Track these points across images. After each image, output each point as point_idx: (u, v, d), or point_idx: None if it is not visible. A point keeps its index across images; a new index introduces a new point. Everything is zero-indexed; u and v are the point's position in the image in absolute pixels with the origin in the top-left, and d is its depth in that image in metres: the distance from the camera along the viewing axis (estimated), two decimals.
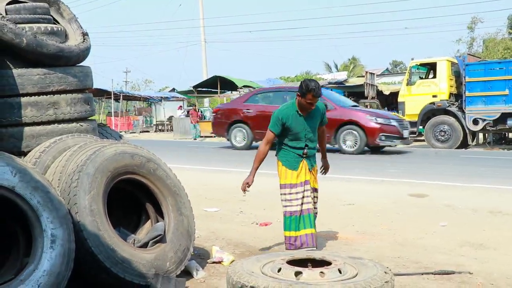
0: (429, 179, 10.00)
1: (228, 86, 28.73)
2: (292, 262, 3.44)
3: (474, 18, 36.97)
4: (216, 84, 27.57)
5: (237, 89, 28.14)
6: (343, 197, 8.09)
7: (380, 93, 24.56)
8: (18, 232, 3.65)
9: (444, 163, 12.98)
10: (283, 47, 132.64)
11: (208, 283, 4.17)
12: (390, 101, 25.58)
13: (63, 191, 3.67)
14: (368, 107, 20.56)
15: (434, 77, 18.34)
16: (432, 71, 18.68)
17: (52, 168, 3.99)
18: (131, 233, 4.36)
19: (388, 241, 5.52)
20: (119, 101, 36.10)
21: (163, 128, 36.65)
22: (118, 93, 35.23)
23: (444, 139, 17.65)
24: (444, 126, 17.66)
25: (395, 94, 22.31)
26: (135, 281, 3.71)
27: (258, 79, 31.21)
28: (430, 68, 18.82)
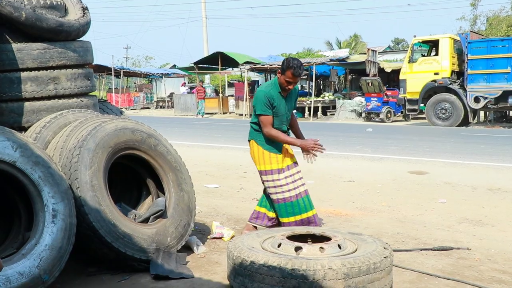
0: (429, 156, 10.04)
1: (229, 63, 28.55)
2: (292, 238, 3.46)
3: None
4: (217, 61, 27.39)
5: (238, 66, 27.96)
6: (344, 174, 8.12)
7: (381, 71, 24.45)
8: (20, 207, 3.67)
9: (444, 141, 12.98)
10: (284, 23, 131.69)
11: (208, 258, 4.20)
12: (392, 79, 25.51)
13: (64, 166, 3.68)
14: (370, 84, 20.47)
15: (436, 54, 18.24)
16: (434, 49, 18.57)
17: (52, 143, 3.99)
18: (132, 209, 4.39)
19: (387, 218, 5.55)
20: (119, 77, 35.94)
21: (163, 104, 36.59)
22: (119, 69, 35.07)
23: (445, 117, 17.63)
24: (445, 104, 17.63)
25: (396, 72, 22.22)
26: (136, 256, 3.74)
27: (260, 55, 30.91)
28: (432, 46, 18.71)
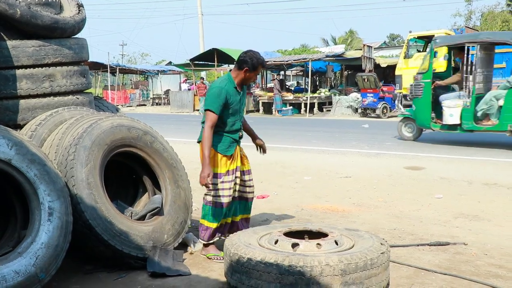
0: (425, 152, 10.05)
1: (225, 59, 28.48)
2: (289, 234, 3.47)
3: None
4: (213, 57, 27.32)
5: (234, 62, 27.86)
6: (340, 170, 8.12)
7: (377, 66, 24.44)
8: (16, 205, 3.66)
9: (440, 136, 12.99)
10: (280, 20, 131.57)
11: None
12: (388, 74, 25.49)
13: (59, 164, 3.67)
14: (366, 80, 20.47)
15: None
16: (429, 44, 18.57)
17: (48, 141, 3.98)
18: (129, 206, 4.38)
19: (384, 213, 5.56)
20: (115, 74, 35.79)
21: (159, 101, 36.48)
22: (115, 67, 34.90)
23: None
24: None
25: (392, 67, 22.22)
26: (133, 253, 3.73)
27: None
28: (428, 41, 18.69)
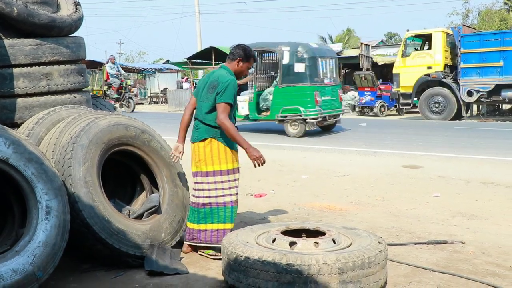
0: (423, 150, 10.05)
1: (222, 58, 28.44)
2: (287, 233, 3.47)
3: None
4: (211, 56, 27.30)
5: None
6: (338, 168, 8.12)
7: (375, 65, 24.47)
8: (13, 204, 3.65)
9: (438, 134, 13.01)
10: (278, 18, 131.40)
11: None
12: (385, 73, 25.50)
13: (57, 163, 3.66)
14: (363, 79, 20.49)
15: (429, 48, 18.23)
16: (427, 43, 18.58)
17: (45, 139, 3.97)
18: (126, 205, 4.38)
19: (381, 212, 5.56)
20: None
21: (157, 100, 36.45)
22: None
23: (439, 110, 17.65)
24: (439, 98, 17.65)
25: (390, 66, 22.22)
26: (131, 252, 3.73)
27: None
28: (425, 40, 18.71)
